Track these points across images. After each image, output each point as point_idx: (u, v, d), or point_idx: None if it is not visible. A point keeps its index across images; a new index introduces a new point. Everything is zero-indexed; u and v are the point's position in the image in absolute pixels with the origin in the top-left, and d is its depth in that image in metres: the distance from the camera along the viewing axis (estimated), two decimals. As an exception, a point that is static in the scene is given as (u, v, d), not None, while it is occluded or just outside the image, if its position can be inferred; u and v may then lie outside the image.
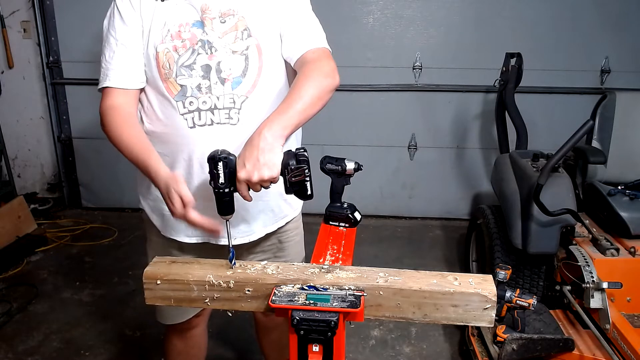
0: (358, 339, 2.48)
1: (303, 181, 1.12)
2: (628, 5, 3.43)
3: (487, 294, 1.01)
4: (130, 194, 1.55)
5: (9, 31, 3.72)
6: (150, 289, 1.12)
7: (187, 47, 1.28)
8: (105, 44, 1.33)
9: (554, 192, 2.20)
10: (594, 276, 2.04)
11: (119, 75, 1.31)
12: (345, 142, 3.72)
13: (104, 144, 3.83)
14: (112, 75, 1.31)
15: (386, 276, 1.06)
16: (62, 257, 3.30)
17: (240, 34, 1.30)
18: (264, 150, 1.08)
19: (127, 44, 1.30)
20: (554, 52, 3.51)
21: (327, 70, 1.26)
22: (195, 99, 1.29)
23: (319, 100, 1.21)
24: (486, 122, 3.66)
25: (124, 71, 1.31)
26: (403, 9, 3.53)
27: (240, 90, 1.31)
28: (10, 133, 3.83)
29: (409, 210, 3.93)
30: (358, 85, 3.62)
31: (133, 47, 1.30)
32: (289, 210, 1.51)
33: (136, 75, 1.32)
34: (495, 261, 2.40)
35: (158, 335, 2.27)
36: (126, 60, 1.31)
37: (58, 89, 3.83)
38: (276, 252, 1.54)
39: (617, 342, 1.89)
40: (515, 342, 1.87)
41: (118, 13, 1.31)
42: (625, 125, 2.62)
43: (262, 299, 1.07)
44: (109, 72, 1.31)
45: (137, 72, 1.32)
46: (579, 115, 2.79)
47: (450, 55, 3.58)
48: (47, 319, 2.64)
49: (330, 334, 0.96)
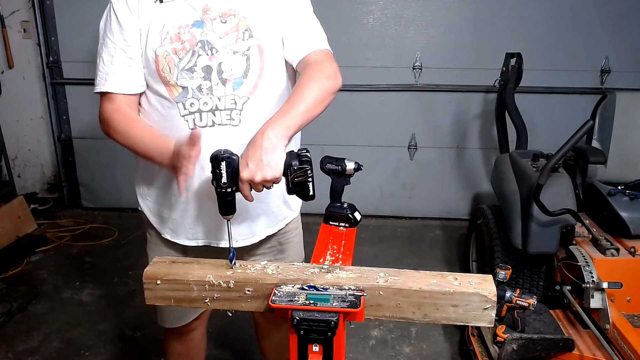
0: (358, 339, 2.48)
1: (305, 182, 1.12)
2: (628, 5, 3.43)
3: (487, 294, 1.01)
4: (130, 194, 1.55)
5: (9, 31, 3.72)
6: (150, 289, 1.11)
7: (187, 50, 1.27)
8: (103, 46, 1.32)
9: (554, 192, 2.20)
10: (594, 276, 2.04)
11: (120, 81, 1.30)
12: (345, 142, 3.72)
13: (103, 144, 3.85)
14: (112, 80, 1.30)
15: (386, 276, 1.06)
16: (62, 257, 3.30)
17: (241, 35, 1.30)
18: (267, 150, 1.08)
19: (125, 48, 1.29)
20: (554, 52, 3.51)
21: (330, 72, 1.27)
22: (196, 100, 1.29)
23: (322, 102, 1.22)
24: (486, 122, 3.66)
25: (125, 76, 1.30)
26: (403, 9, 3.53)
27: (241, 91, 1.30)
28: (10, 133, 3.83)
29: (409, 210, 3.93)
30: (358, 85, 3.62)
31: (131, 51, 1.29)
32: (288, 212, 1.51)
33: (137, 80, 1.32)
34: (495, 261, 2.40)
35: (158, 336, 2.26)
36: (126, 65, 1.30)
37: (58, 89, 3.83)
38: (276, 255, 1.54)
39: (617, 342, 1.89)
40: (515, 342, 1.87)
41: (115, 16, 1.29)
42: (625, 125, 2.63)
43: (262, 299, 1.07)
44: (109, 76, 1.30)
45: (137, 77, 1.31)
46: (579, 115, 2.79)
47: (450, 55, 3.58)
48: (47, 319, 2.64)
49: (330, 334, 0.96)
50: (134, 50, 1.30)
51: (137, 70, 1.31)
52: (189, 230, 1.42)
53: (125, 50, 1.29)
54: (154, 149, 1.26)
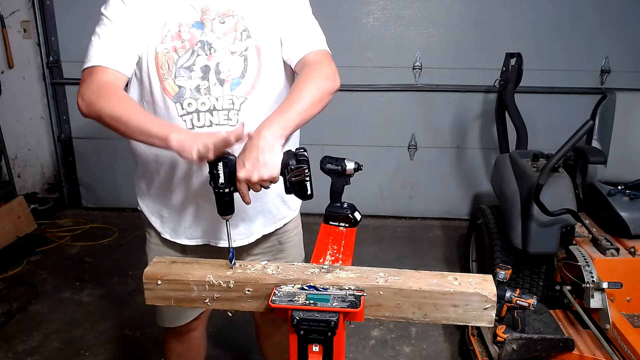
0: (358, 339, 2.48)
1: (303, 181, 1.12)
2: (628, 5, 3.43)
3: (487, 294, 1.01)
4: (130, 194, 1.55)
5: (9, 31, 3.72)
6: (150, 289, 1.12)
7: (186, 48, 1.27)
8: (100, 25, 1.27)
9: (554, 192, 2.20)
10: (594, 276, 2.04)
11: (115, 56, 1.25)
12: (345, 142, 3.72)
13: (104, 143, 3.85)
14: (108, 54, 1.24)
15: (386, 276, 1.06)
16: (62, 257, 3.30)
17: (239, 35, 1.30)
18: (264, 149, 1.08)
19: (123, 26, 1.25)
20: (554, 52, 3.51)
21: (328, 73, 1.26)
22: (194, 100, 1.28)
23: (320, 102, 1.21)
24: (486, 122, 3.66)
25: (120, 53, 1.25)
26: (403, 9, 3.53)
27: (239, 92, 1.30)
28: (10, 133, 3.82)
29: (409, 210, 3.93)
30: (358, 85, 3.62)
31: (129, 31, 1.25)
32: (287, 212, 1.51)
33: (130, 61, 1.27)
34: (495, 261, 2.40)
35: (158, 335, 2.26)
36: (120, 41, 1.25)
37: (58, 89, 3.83)
38: (276, 254, 1.54)
39: (617, 342, 1.89)
40: (515, 342, 1.87)
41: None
42: (625, 125, 2.62)
43: (262, 299, 1.07)
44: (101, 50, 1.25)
45: (130, 58, 1.27)
46: (579, 115, 2.79)
47: (450, 55, 3.58)
48: (47, 319, 2.64)
49: (330, 334, 0.96)
50: (132, 31, 1.26)
51: (131, 49, 1.26)
52: (189, 230, 1.42)
53: (123, 29, 1.25)
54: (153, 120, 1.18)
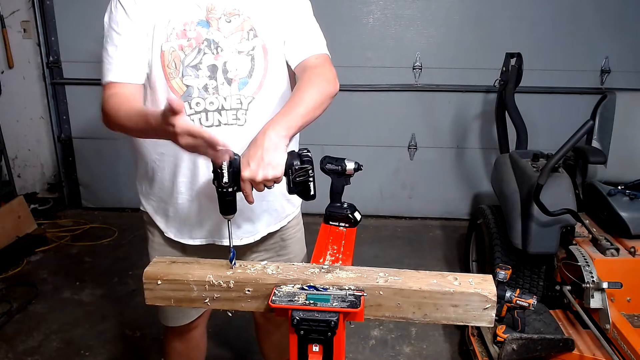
0: (358, 339, 2.48)
1: (307, 181, 1.12)
2: (628, 5, 3.43)
3: (487, 294, 1.01)
4: (130, 194, 1.55)
5: (9, 31, 3.72)
6: (151, 289, 1.11)
7: (192, 47, 1.27)
8: (107, 39, 1.29)
9: (554, 192, 2.20)
10: (594, 276, 2.04)
11: (122, 69, 1.27)
12: (345, 142, 3.72)
13: (104, 144, 3.86)
14: (115, 69, 1.27)
15: (386, 276, 1.06)
16: (62, 257, 3.30)
17: (246, 34, 1.30)
18: (269, 149, 1.09)
19: (130, 37, 1.26)
20: (554, 52, 3.51)
21: (330, 77, 1.29)
22: (202, 100, 1.29)
23: (321, 105, 1.23)
24: (486, 122, 3.66)
25: (127, 65, 1.27)
26: (403, 9, 3.53)
27: (246, 91, 1.31)
28: (10, 133, 3.82)
29: (409, 210, 3.92)
30: (358, 85, 3.62)
31: (137, 41, 1.27)
32: (291, 209, 1.52)
33: (140, 70, 1.28)
34: (495, 261, 2.40)
35: (158, 335, 2.26)
36: (129, 54, 1.27)
37: (58, 89, 3.83)
38: (279, 251, 1.54)
39: (617, 342, 1.89)
40: (515, 342, 1.87)
41: (121, 6, 1.27)
42: (625, 125, 2.63)
43: (262, 299, 1.07)
44: (112, 66, 1.27)
45: (140, 66, 1.28)
46: (579, 115, 2.79)
47: (450, 55, 3.57)
48: (47, 319, 2.64)
49: (330, 334, 0.96)
50: (139, 40, 1.27)
51: (141, 59, 1.28)
52: (194, 229, 1.43)
53: (129, 39, 1.26)
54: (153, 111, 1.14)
